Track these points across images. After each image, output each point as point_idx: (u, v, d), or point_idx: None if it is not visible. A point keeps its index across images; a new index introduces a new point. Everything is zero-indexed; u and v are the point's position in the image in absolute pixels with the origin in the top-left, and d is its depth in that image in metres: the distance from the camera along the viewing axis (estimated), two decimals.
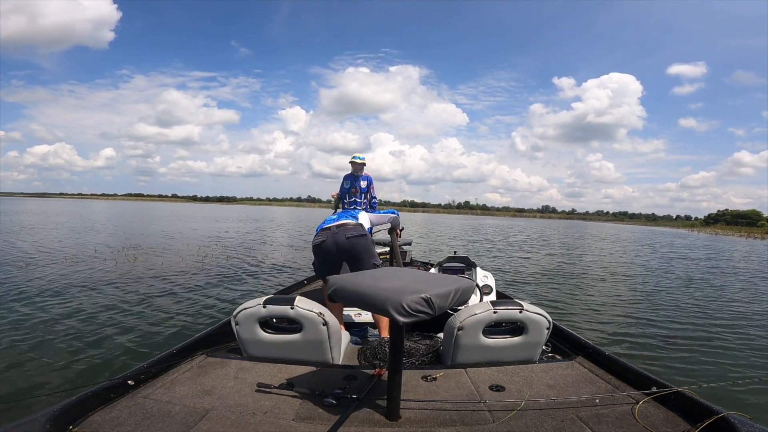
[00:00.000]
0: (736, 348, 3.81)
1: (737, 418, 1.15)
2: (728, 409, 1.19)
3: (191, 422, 1.25)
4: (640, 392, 1.46)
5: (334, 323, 1.79)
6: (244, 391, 1.49)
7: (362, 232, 2.50)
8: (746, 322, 4.77)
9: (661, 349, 3.71)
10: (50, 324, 3.86)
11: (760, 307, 5.57)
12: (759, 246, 22.94)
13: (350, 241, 2.44)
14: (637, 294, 6.34)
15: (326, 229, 2.49)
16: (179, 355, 1.77)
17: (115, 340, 3.52)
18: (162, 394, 1.44)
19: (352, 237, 2.45)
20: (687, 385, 1.42)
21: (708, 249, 17.91)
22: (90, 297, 5.02)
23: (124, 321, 4.08)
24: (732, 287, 7.23)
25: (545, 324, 1.78)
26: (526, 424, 1.27)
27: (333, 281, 1.42)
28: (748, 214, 68.31)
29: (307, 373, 1.67)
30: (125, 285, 5.85)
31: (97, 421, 1.23)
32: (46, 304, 4.60)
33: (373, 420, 1.30)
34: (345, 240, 2.42)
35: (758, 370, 3.33)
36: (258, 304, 1.76)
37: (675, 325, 4.53)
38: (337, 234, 2.44)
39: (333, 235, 2.44)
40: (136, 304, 4.80)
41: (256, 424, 1.26)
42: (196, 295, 5.40)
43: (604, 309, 5.27)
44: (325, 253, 2.47)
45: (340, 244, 2.43)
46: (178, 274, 6.93)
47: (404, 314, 1.17)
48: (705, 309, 5.38)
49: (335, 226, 2.48)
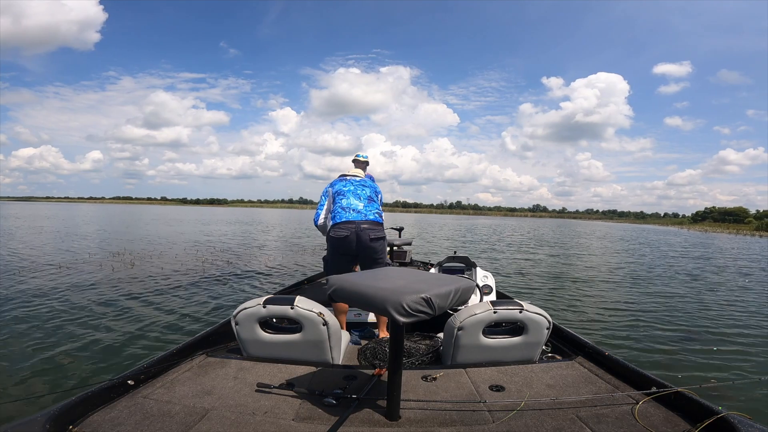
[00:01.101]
0: (736, 348, 3.81)
1: (737, 418, 1.15)
2: (728, 409, 1.19)
3: (191, 422, 1.25)
4: (640, 392, 1.46)
5: (334, 323, 1.79)
6: (244, 391, 1.49)
7: (383, 234, 2.53)
8: (746, 321, 4.77)
9: (662, 349, 3.71)
10: (50, 325, 3.86)
11: (760, 307, 5.57)
12: (751, 243, 22.91)
13: (373, 243, 2.43)
14: (637, 294, 6.34)
15: (350, 224, 2.42)
16: (179, 355, 1.77)
17: (114, 340, 3.51)
18: (162, 394, 1.44)
19: (376, 239, 2.45)
20: (687, 385, 1.41)
21: (704, 247, 17.90)
22: (89, 298, 5.02)
23: (123, 321, 4.08)
24: (732, 287, 7.23)
25: (545, 324, 1.78)
26: (526, 424, 1.27)
27: (333, 281, 1.42)
28: (735, 211, 68.75)
29: (307, 373, 1.67)
30: (124, 286, 5.85)
31: (97, 421, 1.23)
32: (46, 305, 4.60)
33: (373, 420, 1.30)
34: (369, 240, 2.41)
35: (758, 370, 3.33)
36: (258, 304, 1.76)
37: (675, 325, 4.53)
38: (362, 232, 2.41)
39: (357, 232, 2.40)
40: (136, 304, 4.80)
41: (256, 424, 1.26)
42: (195, 295, 5.40)
43: (604, 309, 5.27)
44: (345, 248, 2.44)
45: (362, 243, 2.41)
46: (178, 275, 6.93)
47: (404, 314, 1.17)
48: (705, 309, 5.38)
49: (361, 224, 2.42)
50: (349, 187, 2.57)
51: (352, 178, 2.64)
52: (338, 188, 2.58)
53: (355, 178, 2.65)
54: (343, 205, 2.48)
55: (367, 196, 2.55)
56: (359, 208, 2.47)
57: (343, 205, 2.48)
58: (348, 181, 2.61)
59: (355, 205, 2.48)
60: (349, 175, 2.68)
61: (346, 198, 2.51)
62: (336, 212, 2.50)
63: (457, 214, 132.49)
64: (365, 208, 2.49)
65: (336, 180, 2.68)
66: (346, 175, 2.69)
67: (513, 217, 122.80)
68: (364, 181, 2.65)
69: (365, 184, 2.61)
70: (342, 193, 2.55)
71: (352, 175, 2.68)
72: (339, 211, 2.48)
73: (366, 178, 2.73)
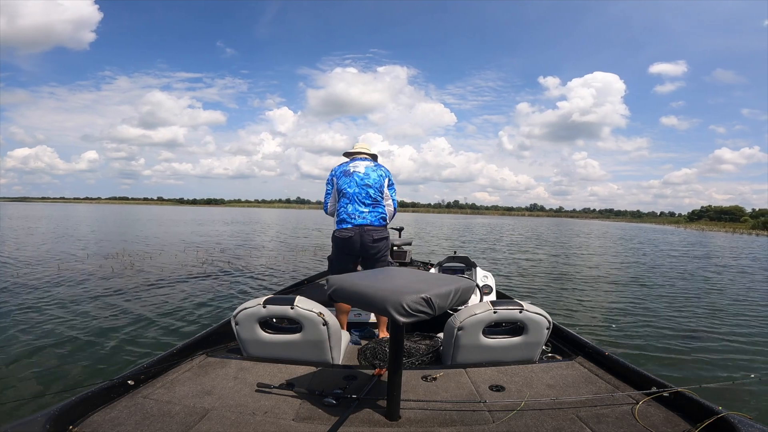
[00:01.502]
0: (736, 348, 3.81)
1: (737, 418, 1.15)
2: (728, 409, 1.19)
3: (191, 422, 1.25)
4: (640, 392, 1.46)
5: (334, 323, 1.79)
6: (244, 391, 1.49)
7: (387, 233, 2.55)
8: (746, 321, 4.77)
9: (662, 349, 3.71)
10: (50, 325, 3.86)
11: (760, 307, 5.57)
12: (749, 242, 22.90)
13: (377, 243, 2.47)
14: (637, 294, 6.34)
15: (354, 227, 2.46)
16: (179, 355, 1.77)
17: (114, 340, 3.51)
18: (162, 394, 1.44)
19: (380, 239, 2.49)
20: (687, 385, 1.41)
21: (702, 246, 17.89)
22: (89, 299, 5.02)
23: (123, 322, 4.08)
24: (732, 286, 7.23)
25: (545, 324, 1.78)
26: (526, 424, 1.27)
27: (333, 281, 1.42)
28: (731, 210, 69.00)
29: (307, 373, 1.67)
30: (124, 287, 5.85)
31: (97, 421, 1.23)
32: (45, 306, 4.60)
33: (373, 420, 1.30)
34: (372, 240, 2.45)
35: (758, 370, 3.33)
36: (258, 304, 1.76)
37: (675, 325, 4.53)
38: (365, 234, 2.44)
39: (361, 233, 2.44)
40: (136, 305, 4.80)
41: (256, 424, 1.26)
42: (196, 295, 5.40)
43: (604, 309, 5.27)
44: (349, 249, 2.48)
45: (365, 243, 2.45)
46: (177, 276, 6.93)
47: (404, 314, 1.17)
48: (705, 308, 5.38)
49: (365, 226, 2.45)
50: (354, 188, 2.50)
51: (355, 172, 2.54)
52: (342, 186, 2.52)
53: (359, 172, 2.54)
54: (348, 212, 2.48)
55: (372, 199, 2.51)
56: (364, 215, 2.48)
57: (349, 212, 2.48)
58: (351, 179, 2.52)
59: (359, 212, 2.48)
60: (351, 167, 2.56)
61: (351, 204, 2.49)
62: (341, 216, 2.51)
63: (455, 213, 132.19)
64: (370, 214, 2.49)
65: (339, 170, 2.59)
66: (348, 167, 2.57)
67: (510, 216, 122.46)
68: (368, 177, 2.53)
69: (369, 183, 2.51)
70: (346, 194, 2.51)
71: (354, 168, 2.55)
72: (344, 216, 2.49)
73: (372, 166, 2.59)
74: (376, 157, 2.76)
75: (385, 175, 2.60)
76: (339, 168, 2.62)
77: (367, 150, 2.72)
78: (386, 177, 2.61)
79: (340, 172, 2.58)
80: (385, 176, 2.59)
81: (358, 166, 2.57)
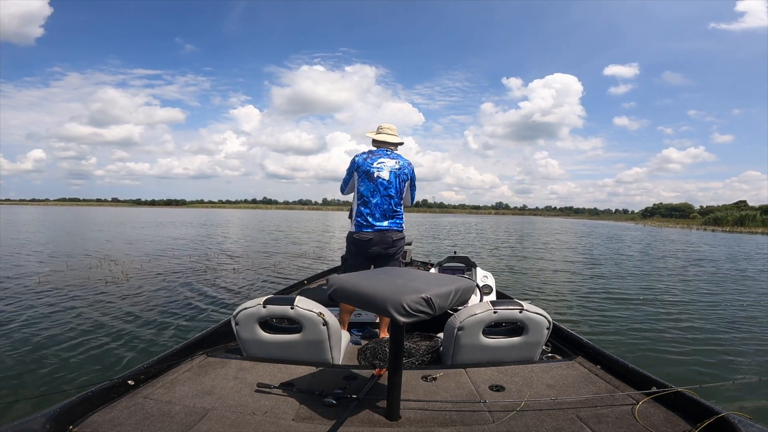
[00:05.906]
0: (736, 348, 3.81)
1: (737, 418, 1.15)
2: (728, 409, 1.19)
3: (191, 422, 1.25)
4: (640, 392, 1.46)
5: (334, 323, 1.79)
6: (244, 391, 1.49)
7: (403, 234, 2.56)
8: (746, 321, 4.77)
9: (662, 349, 3.71)
10: (50, 325, 3.87)
11: (760, 307, 5.57)
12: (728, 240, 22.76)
13: (396, 243, 2.48)
14: (637, 294, 6.34)
15: (375, 231, 2.43)
16: (179, 355, 1.77)
17: (114, 340, 3.51)
18: (162, 394, 1.44)
19: (398, 240, 2.50)
20: (687, 385, 1.41)
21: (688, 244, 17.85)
22: (88, 299, 5.03)
23: (123, 322, 4.08)
24: (732, 286, 7.22)
25: (545, 324, 1.78)
26: (526, 424, 1.27)
27: (333, 281, 1.42)
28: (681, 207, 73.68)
29: (307, 373, 1.67)
30: (123, 287, 5.85)
31: (97, 421, 1.23)
32: (45, 305, 4.60)
33: (372, 420, 1.30)
34: (391, 241, 2.46)
35: (758, 370, 3.33)
36: (258, 304, 1.76)
37: (675, 325, 4.53)
38: (384, 236, 2.44)
39: (381, 236, 2.44)
40: (135, 305, 4.81)
41: (256, 424, 1.26)
42: (195, 296, 5.40)
43: (604, 308, 5.27)
44: (367, 250, 2.46)
45: (385, 244, 2.45)
46: (176, 277, 6.93)
47: (404, 314, 1.17)
48: (705, 308, 5.37)
49: (385, 230, 2.44)
50: (377, 198, 2.42)
51: (379, 178, 2.43)
52: (363, 190, 2.44)
53: (383, 179, 2.42)
54: (368, 220, 2.43)
55: (393, 210, 2.47)
56: (384, 225, 2.45)
57: (369, 220, 2.43)
58: (375, 187, 2.42)
59: (379, 220, 2.45)
60: (375, 170, 2.43)
61: (371, 212, 2.43)
62: (359, 220, 2.45)
63: (424, 212, 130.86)
64: (390, 222, 2.47)
65: (363, 166, 2.44)
66: (372, 168, 2.43)
67: (477, 214, 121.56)
68: (392, 186, 2.44)
69: (392, 194, 2.44)
70: (368, 203, 2.42)
71: (378, 171, 2.43)
72: (363, 223, 2.44)
73: (397, 168, 2.46)
74: (400, 144, 2.59)
75: (408, 177, 2.52)
76: (362, 162, 2.46)
77: (394, 136, 2.52)
78: (409, 178, 2.53)
79: (363, 172, 2.45)
80: (408, 177, 2.52)
81: (383, 170, 2.44)
